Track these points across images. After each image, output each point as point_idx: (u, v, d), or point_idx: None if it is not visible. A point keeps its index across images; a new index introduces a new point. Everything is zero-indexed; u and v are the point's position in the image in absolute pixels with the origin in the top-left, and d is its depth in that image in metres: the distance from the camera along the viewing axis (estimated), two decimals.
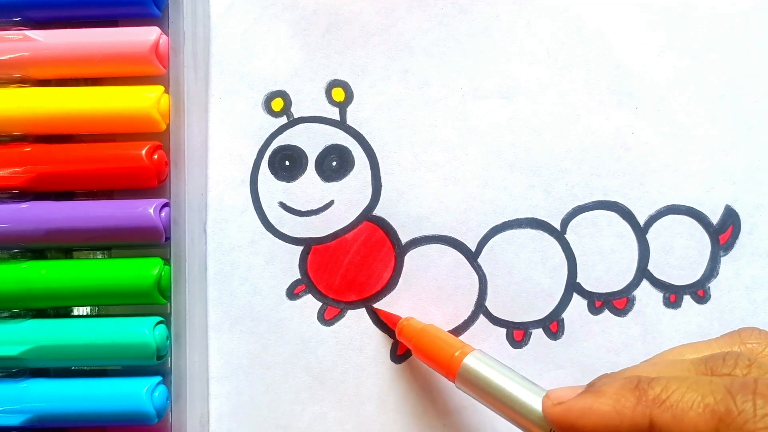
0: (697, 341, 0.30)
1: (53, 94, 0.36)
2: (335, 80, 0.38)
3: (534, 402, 0.29)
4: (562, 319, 0.37)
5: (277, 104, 0.38)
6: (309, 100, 0.38)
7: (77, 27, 0.36)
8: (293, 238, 0.38)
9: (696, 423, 0.24)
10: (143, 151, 0.35)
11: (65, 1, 0.36)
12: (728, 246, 0.37)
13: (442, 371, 0.33)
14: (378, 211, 0.38)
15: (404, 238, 0.38)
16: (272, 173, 0.38)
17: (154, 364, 0.35)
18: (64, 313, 0.37)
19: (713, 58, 0.38)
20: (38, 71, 0.36)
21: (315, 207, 0.38)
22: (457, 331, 0.37)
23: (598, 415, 0.26)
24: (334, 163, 0.38)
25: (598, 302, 0.37)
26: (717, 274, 0.37)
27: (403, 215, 0.38)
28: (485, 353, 0.32)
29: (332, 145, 0.38)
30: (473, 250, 0.37)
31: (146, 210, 0.35)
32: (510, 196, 0.37)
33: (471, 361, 0.32)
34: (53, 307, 0.36)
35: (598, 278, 0.37)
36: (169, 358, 0.36)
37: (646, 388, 0.26)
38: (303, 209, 0.38)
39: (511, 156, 0.38)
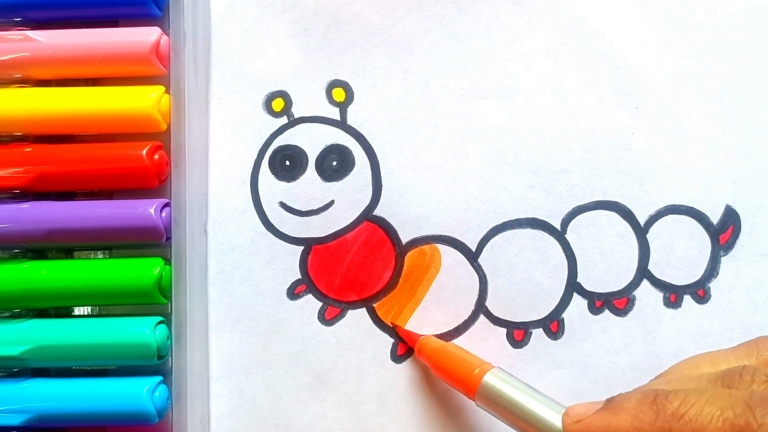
0: (712, 351, 0.30)
1: (54, 95, 0.36)
2: (336, 80, 0.38)
3: (554, 419, 0.30)
4: (563, 319, 0.37)
5: (278, 104, 0.38)
6: (309, 101, 0.38)
7: (78, 27, 0.36)
8: (294, 238, 0.38)
9: None
10: (144, 152, 0.35)
11: (66, 1, 0.36)
12: (728, 246, 0.37)
13: (462, 389, 0.34)
14: (378, 211, 0.38)
15: (404, 238, 0.38)
16: (273, 173, 0.38)
17: (154, 364, 0.35)
18: (64, 313, 0.37)
19: (713, 58, 0.38)
20: (39, 71, 0.36)
21: (315, 207, 0.38)
22: (458, 331, 0.37)
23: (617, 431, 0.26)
24: (335, 163, 0.38)
25: (599, 302, 0.37)
26: (717, 274, 0.37)
27: (404, 215, 0.38)
28: (504, 371, 0.33)
29: (332, 145, 0.38)
30: (473, 250, 0.37)
31: (147, 210, 0.35)
32: (510, 196, 0.37)
33: (490, 379, 0.32)
34: (54, 307, 0.36)
35: (598, 278, 0.37)
36: (170, 358, 0.36)
37: (664, 402, 0.26)
38: (303, 209, 0.38)
39: (511, 156, 0.38)
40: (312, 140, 0.38)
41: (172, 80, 0.36)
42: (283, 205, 0.38)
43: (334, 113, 0.38)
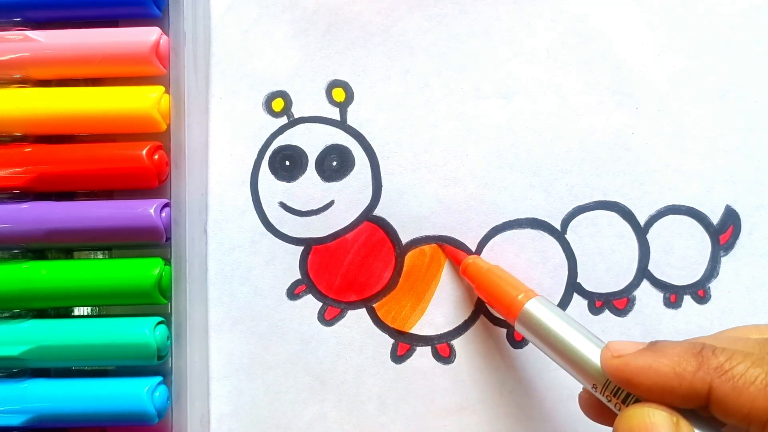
0: (761, 323, 0.30)
1: (54, 95, 0.36)
2: (336, 80, 0.38)
3: (592, 352, 0.29)
4: None
5: (278, 104, 0.38)
6: (309, 101, 0.38)
7: (78, 27, 0.36)
8: (293, 238, 0.38)
9: (755, 398, 0.24)
10: (144, 152, 0.35)
11: (65, 1, 0.36)
12: (728, 246, 0.37)
13: (503, 312, 0.34)
14: (378, 211, 0.38)
15: (404, 238, 0.38)
16: (272, 173, 0.38)
17: (154, 364, 0.35)
18: (64, 313, 0.37)
19: (713, 58, 0.38)
20: (39, 71, 0.36)
21: (315, 207, 0.38)
22: (458, 331, 0.37)
23: (657, 374, 0.26)
24: (335, 163, 0.38)
25: (599, 302, 0.37)
26: (717, 274, 0.37)
27: (404, 215, 0.38)
28: (549, 301, 0.33)
29: (332, 145, 0.38)
30: (473, 250, 0.37)
31: (147, 210, 0.35)
32: (510, 196, 0.37)
33: (533, 306, 0.32)
34: (54, 307, 0.36)
35: (598, 278, 0.37)
36: (170, 359, 0.36)
37: (709, 355, 0.26)
38: (303, 209, 0.38)
39: (511, 156, 0.38)
40: (312, 140, 0.38)
41: (172, 80, 0.36)
42: (283, 205, 0.38)
43: (334, 113, 0.38)
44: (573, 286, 0.37)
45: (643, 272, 0.37)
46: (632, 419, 0.26)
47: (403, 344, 0.37)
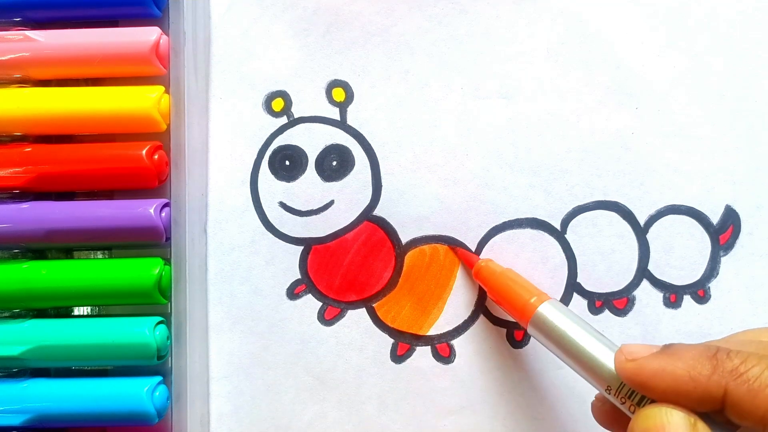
0: None
1: (54, 95, 0.36)
2: (335, 80, 0.38)
3: (606, 356, 0.29)
4: None
5: (278, 104, 0.38)
6: (309, 100, 0.38)
7: (77, 27, 0.36)
8: (293, 238, 0.38)
9: None
10: (144, 152, 0.35)
11: (65, 1, 0.36)
12: (728, 246, 0.37)
13: (516, 315, 0.34)
14: (378, 211, 0.38)
15: (404, 238, 0.38)
16: (272, 173, 0.38)
17: (154, 364, 0.35)
18: (64, 313, 0.37)
19: (713, 58, 0.38)
20: (39, 71, 0.36)
21: (315, 207, 0.38)
22: (458, 331, 0.37)
23: (671, 377, 0.26)
24: (335, 163, 0.38)
25: (598, 302, 0.37)
26: (717, 274, 0.37)
27: (404, 215, 0.38)
28: (562, 304, 0.33)
29: (332, 145, 0.38)
30: (473, 250, 0.37)
31: (147, 210, 0.35)
32: (510, 196, 0.37)
33: (546, 309, 0.32)
34: (54, 307, 0.36)
35: (598, 278, 0.37)
36: (170, 358, 0.36)
37: (724, 358, 0.26)
38: (303, 209, 0.38)
39: (511, 156, 0.38)
40: (312, 140, 0.38)
41: (172, 80, 0.36)
42: (283, 205, 0.38)
43: (334, 113, 0.38)
44: (573, 286, 0.37)
45: (642, 272, 0.37)
46: (649, 419, 0.26)
47: (403, 344, 0.37)
